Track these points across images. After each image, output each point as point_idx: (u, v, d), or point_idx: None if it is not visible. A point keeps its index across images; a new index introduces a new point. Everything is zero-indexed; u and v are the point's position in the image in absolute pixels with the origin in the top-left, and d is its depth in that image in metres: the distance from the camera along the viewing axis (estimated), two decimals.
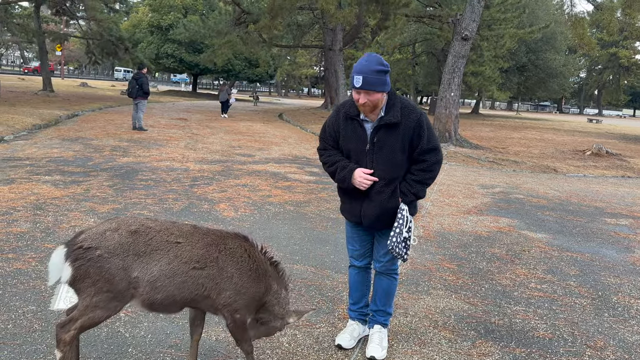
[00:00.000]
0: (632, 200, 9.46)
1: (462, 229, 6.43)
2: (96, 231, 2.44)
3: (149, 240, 2.45)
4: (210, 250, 2.53)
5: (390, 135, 2.95)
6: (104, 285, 2.37)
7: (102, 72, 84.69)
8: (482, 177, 11.13)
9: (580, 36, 19.34)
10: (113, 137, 12.77)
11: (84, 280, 2.37)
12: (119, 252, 2.38)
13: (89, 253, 2.36)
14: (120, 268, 2.37)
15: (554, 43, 42.54)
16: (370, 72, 2.81)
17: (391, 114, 2.92)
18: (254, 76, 48.23)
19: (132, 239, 2.42)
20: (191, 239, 2.53)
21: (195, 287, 2.49)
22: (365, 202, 3.05)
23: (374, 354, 3.14)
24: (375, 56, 2.88)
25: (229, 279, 2.54)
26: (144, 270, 2.40)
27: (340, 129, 3.07)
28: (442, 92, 16.11)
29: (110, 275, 2.36)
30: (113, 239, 2.40)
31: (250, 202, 6.97)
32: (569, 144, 20.05)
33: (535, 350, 3.42)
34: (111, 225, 2.46)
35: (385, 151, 2.95)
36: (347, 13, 20.16)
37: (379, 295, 3.28)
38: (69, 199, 6.37)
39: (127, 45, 27.37)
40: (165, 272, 2.43)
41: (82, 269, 2.35)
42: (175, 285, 2.45)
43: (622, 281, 4.92)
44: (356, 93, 2.88)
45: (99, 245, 2.37)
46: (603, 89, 71.88)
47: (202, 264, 2.49)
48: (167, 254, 2.44)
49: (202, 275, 2.49)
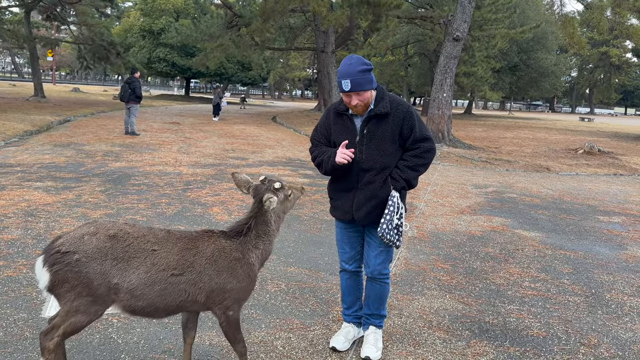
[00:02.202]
0: (624, 198, 9.51)
1: (456, 229, 6.43)
2: (74, 235, 2.40)
3: (127, 246, 2.41)
4: (185, 255, 2.51)
5: (380, 125, 3.01)
6: (82, 290, 2.33)
7: (94, 77, 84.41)
8: (475, 177, 11.16)
9: (570, 35, 19.46)
10: (105, 142, 12.71)
11: (62, 285, 2.33)
12: (97, 256, 2.34)
13: (67, 257, 2.32)
14: (99, 273, 2.34)
15: (545, 43, 42.79)
16: (356, 73, 2.87)
17: (381, 105, 3.00)
18: (247, 79, 48.19)
19: (110, 244, 2.38)
20: (166, 245, 2.50)
21: (178, 294, 2.48)
22: (357, 194, 3.06)
23: (369, 354, 3.13)
24: (356, 57, 2.94)
25: (210, 281, 2.53)
26: (123, 277, 2.37)
27: (331, 125, 3.15)
28: (435, 93, 16.15)
29: (88, 280, 2.33)
30: (91, 243, 2.36)
31: (244, 205, 6.95)
32: (562, 143, 20.15)
33: (529, 349, 3.42)
34: (89, 229, 2.42)
35: (375, 141, 3.01)
36: (339, 15, 20.19)
37: (372, 300, 3.27)
38: (61, 205, 6.33)
39: (118, 49, 27.30)
40: (144, 280, 2.40)
41: (59, 273, 2.32)
42: (155, 293, 2.43)
43: (616, 278, 4.94)
44: (346, 97, 2.95)
45: (77, 249, 2.33)
46: (594, 88, 72.31)
47: (180, 270, 2.47)
48: (145, 262, 2.42)
49: (182, 281, 2.48)
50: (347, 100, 2.95)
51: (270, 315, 3.69)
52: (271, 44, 31.57)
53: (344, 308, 3.42)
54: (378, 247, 3.15)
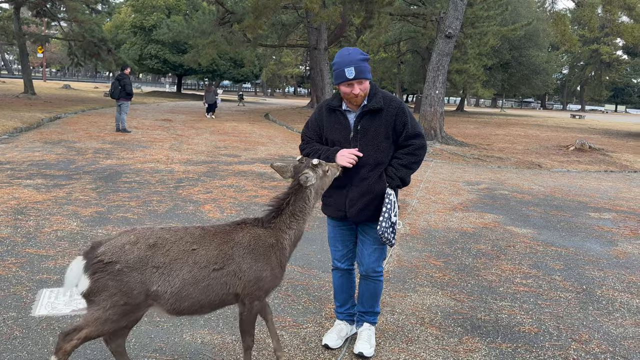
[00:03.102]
0: (615, 195, 9.57)
1: (448, 226, 6.45)
2: (115, 244, 2.41)
3: (167, 251, 2.45)
4: (223, 248, 2.57)
5: (373, 121, 3.00)
6: (120, 299, 2.35)
7: (85, 74, 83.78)
8: (467, 173, 11.20)
9: (562, 33, 19.52)
10: (96, 139, 12.62)
11: (100, 293, 2.35)
12: (138, 266, 2.38)
13: (109, 267, 2.34)
14: (139, 282, 2.37)
15: (536, 40, 42.98)
16: (358, 61, 2.88)
17: (374, 100, 2.99)
18: (239, 76, 48.05)
19: (150, 252, 2.42)
20: (204, 242, 2.55)
21: (221, 288, 2.53)
22: (351, 190, 3.05)
23: (362, 351, 3.14)
24: (352, 48, 2.95)
25: (249, 270, 2.58)
26: (165, 283, 2.41)
27: (323, 122, 3.11)
28: (427, 90, 16.17)
29: (128, 289, 2.35)
30: (132, 253, 2.39)
31: (237, 202, 6.93)
32: (553, 140, 20.26)
33: (521, 345, 3.43)
34: (130, 238, 2.44)
35: (369, 137, 3.00)
36: (332, 12, 20.14)
37: (366, 297, 3.27)
38: (51, 202, 6.28)
39: (109, 46, 27.11)
40: (188, 280, 2.45)
41: (100, 282, 2.34)
42: (199, 290, 2.48)
43: (606, 274, 4.97)
44: (347, 86, 2.91)
45: (118, 259, 2.36)
46: (585, 85, 72.75)
47: (221, 264, 2.53)
48: (187, 262, 2.46)
49: (223, 274, 2.53)
50: (349, 90, 2.91)
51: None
52: (263, 40, 31.47)
53: (336, 306, 3.41)
54: (372, 245, 3.14)
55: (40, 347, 3.04)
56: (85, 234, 5.14)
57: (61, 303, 3.62)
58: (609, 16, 20.05)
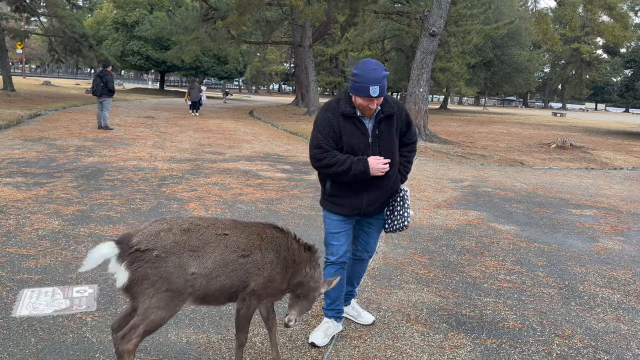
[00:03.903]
0: (595, 191, 9.72)
1: (433, 223, 6.49)
2: (149, 232, 2.43)
3: (201, 235, 2.51)
4: (253, 238, 2.65)
5: (388, 125, 3.16)
6: (162, 285, 2.37)
7: (66, 70, 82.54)
8: (451, 171, 11.28)
9: (544, 32, 19.73)
10: (78, 136, 12.44)
11: (142, 283, 2.36)
12: (175, 250, 2.41)
13: (147, 255, 2.36)
14: (177, 266, 2.40)
15: (519, 39, 43.48)
16: (382, 78, 2.94)
17: (387, 106, 3.12)
18: (223, 73, 47.73)
19: (186, 237, 2.47)
20: (235, 230, 2.64)
21: (243, 274, 2.59)
22: (370, 191, 3.17)
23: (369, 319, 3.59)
24: (376, 62, 3.01)
25: (269, 264, 2.66)
26: (200, 265, 2.46)
27: (340, 128, 3.08)
28: (412, 88, 16.24)
29: (168, 274, 2.38)
30: (168, 239, 2.42)
31: (222, 200, 6.89)
32: (535, 138, 20.51)
33: (505, 340, 3.47)
34: (163, 226, 2.48)
35: (386, 141, 3.15)
36: (316, 9, 20.12)
37: (357, 277, 3.55)
38: (32, 201, 6.17)
39: (91, 42, 26.67)
40: (219, 262, 2.51)
41: (139, 271, 2.35)
42: (226, 274, 2.54)
43: (588, 270, 5.05)
44: (367, 101, 2.96)
45: (155, 246, 2.38)
46: (566, 84, 73.81)
47: (248, 252, 2.60)
48: (219, 246, 2.53)
49: (248, 262, 2.60)
50: (366, 104, 2.98)
51: None
52: (247, 37, 31.32)
53: (326, 303, 3.39)
54: (376, 234, 3.41)
55: (22, 348, 2.99)
56: (67, 233, 5.06)
57: (43, 303, 3.56)
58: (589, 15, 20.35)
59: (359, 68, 2.97)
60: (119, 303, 3.62)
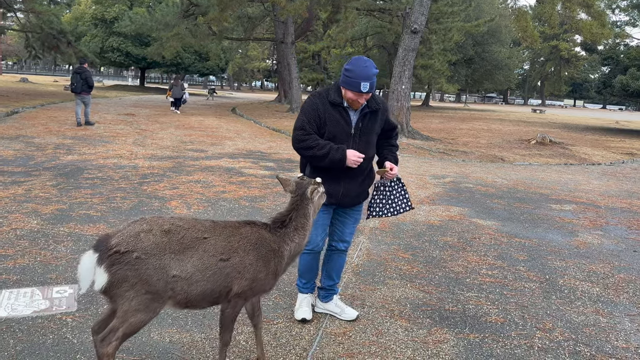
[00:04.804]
0: (574, 187, 9.88)
1: (416, 219, 6.53)
2: (129, 233, 2.37)
3: (182, 238, 2.46)
4: (231, 241, 2.60)
5: (371, 120, 3.31)
6: (142, 287, 2.33)
7: (44, 67, 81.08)
8: (433, 167, 11.36)
9: (523, 29, 19.97)
10: (56, 134, 12.23)
11: (121, 285, 2.31)
12: (155, 252, 2.36)
13: (126, 257, 2.30)
14: (158, 268, 2.35)
15: (499, 36, 43.93)
16: (372, 75, 3.10)
17: (373, 102, 3.27)
18: (205, 69, 47.36)
19: (167, 239, 2.41)
20: (214, 233, 2.59)
21: (223, 279, 2.54)
22: (346, 182, 3.33)
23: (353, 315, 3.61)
24: (368, 60, 3.16)
25: (250, 266, 2.61)
26: (181, 268, 2.42)
27: (325, 115, 3.23)
28: (394, 85, 16.30)
29: (147, 276, 2.33)
30: (148, 240, 2.37)
31: (204, 198, 6.83)
32: (515, 134, 20.76)
33: (488, 335, 3.50)
34: (143, 227, 2.42)
35: (366, 134, 3.30)
36: (298, 6, 20.04)
37: (336, 270, 3.63)
38: (9, 200, 6.05)
39: (69, 38, 26.25)
40: (198, 267, 2.46)
41: (119, 273, 2.29)
42: (207, 279, 2.49)
43: (568, 264, 5.12)
44: (357, 95, 3.12)
45: (135, 247, 2.33)
46: (545, 80, 74.77)
47: (227, 255, 2.56)
48: (198, 250, 2.48)
49: (228, 266, 2.56)
50: (356, 98, 3.13)
51: None
52: (229, 33, 31.08)
53: (302, 283, 3.65)
54: (352, 225, 3.54)
55: (0, 351, 2.92)
56: (46, 232, 4.97)
57: (21, 304, 3.50)
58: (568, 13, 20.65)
59: (352, 64, 3.11)
60: (99, 303, 3.57)
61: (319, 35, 35.36)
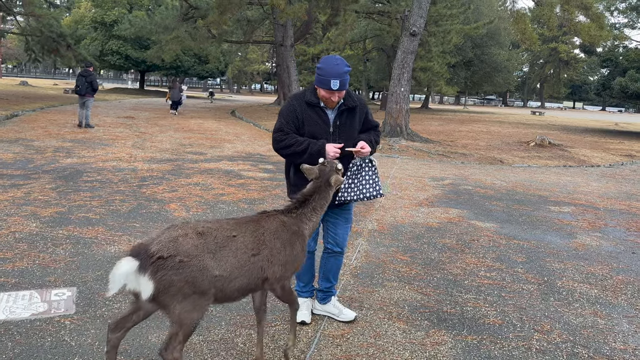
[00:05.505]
0: (573, 189, 9.89)
1: (415, 221, 6.53)
2: (167, 239, 2.41)
3: (215, 238, 2.53)
4: (257, 235, 2.69)
5: (349, 117, 3.38)
6: (189, 290, 2.37)
7: (44, 70, 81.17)
8: (432, 169, 11.37)
9: (522, 31, 20.00)
10: (56, 137, 12.24)
11: (168, 290, 2.34)
12: (196, 253, 2.42)
13: (170, 261, 2.33)
14: (201, 269, 2.41)
15: (498, 38, 44.02)
16: (343, 73, 3.16)
17: (350, 100, 3.35)
18: (204, 72, 47.41)
19: (203, 240, 2.48)
20: (240, 230, 2.66)
21: (257, 272, 2.64)
22: None
23: (350, 317, 3.61)
24: (339, 58, 3.22)
25: (278, 254, 2.73)
26: (221, 267, 2.48)
27: (303, 115, 3.30)
28: (393, 88, 16.32)
29: (193, 278, 2.38)
30: (187, 243, 2.42)
31: (203, 201, 6.84)
32: (514, 136, 20.77)
33: (486, 337, 3.51)
34: (178, 232, 2.47)
35: (346, 132, 3.36)
36: (297, 9, 20.09)
37: (333, 272, 3.65)
38: (9, 203, 6.05)
39: (69, 42, 26.24)
40: (235, 264, 2.55)
41: (165, 279, 2.32)
42: (243, 274, 2.58)
43: (566, 266, 5.13)
44: (329, 93, 3.20)
45: (176, 251, 2.37)
46: (545, 83, 74.89)
47: (257, 250, 2.65)
48: (231, 248, 2.56)
49: (259, 259, 2.65)
50: (328, 96, 3.20)
51: (230, 312, 3.64)
52: (228, 36, 31.14)
53: (300, 286, 3.68)
54: (344, 225, 3.55)
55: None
56: (45, 235, 4.98)
57: (20, 307, 3.50)
58: (567, 15, 20.67)
59: (323, 62, 3.20)
60: (98, 305, 3.57)
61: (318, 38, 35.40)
